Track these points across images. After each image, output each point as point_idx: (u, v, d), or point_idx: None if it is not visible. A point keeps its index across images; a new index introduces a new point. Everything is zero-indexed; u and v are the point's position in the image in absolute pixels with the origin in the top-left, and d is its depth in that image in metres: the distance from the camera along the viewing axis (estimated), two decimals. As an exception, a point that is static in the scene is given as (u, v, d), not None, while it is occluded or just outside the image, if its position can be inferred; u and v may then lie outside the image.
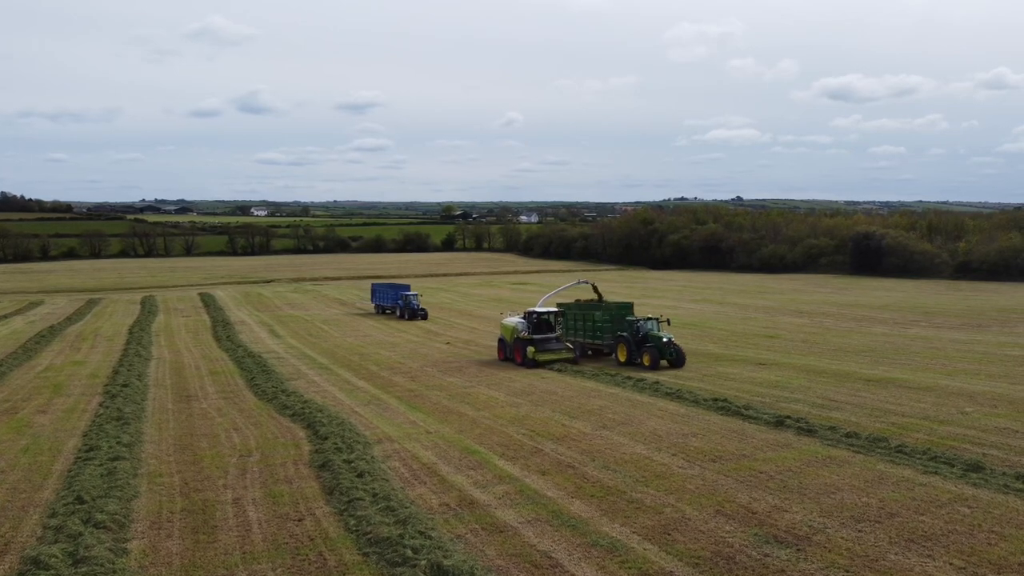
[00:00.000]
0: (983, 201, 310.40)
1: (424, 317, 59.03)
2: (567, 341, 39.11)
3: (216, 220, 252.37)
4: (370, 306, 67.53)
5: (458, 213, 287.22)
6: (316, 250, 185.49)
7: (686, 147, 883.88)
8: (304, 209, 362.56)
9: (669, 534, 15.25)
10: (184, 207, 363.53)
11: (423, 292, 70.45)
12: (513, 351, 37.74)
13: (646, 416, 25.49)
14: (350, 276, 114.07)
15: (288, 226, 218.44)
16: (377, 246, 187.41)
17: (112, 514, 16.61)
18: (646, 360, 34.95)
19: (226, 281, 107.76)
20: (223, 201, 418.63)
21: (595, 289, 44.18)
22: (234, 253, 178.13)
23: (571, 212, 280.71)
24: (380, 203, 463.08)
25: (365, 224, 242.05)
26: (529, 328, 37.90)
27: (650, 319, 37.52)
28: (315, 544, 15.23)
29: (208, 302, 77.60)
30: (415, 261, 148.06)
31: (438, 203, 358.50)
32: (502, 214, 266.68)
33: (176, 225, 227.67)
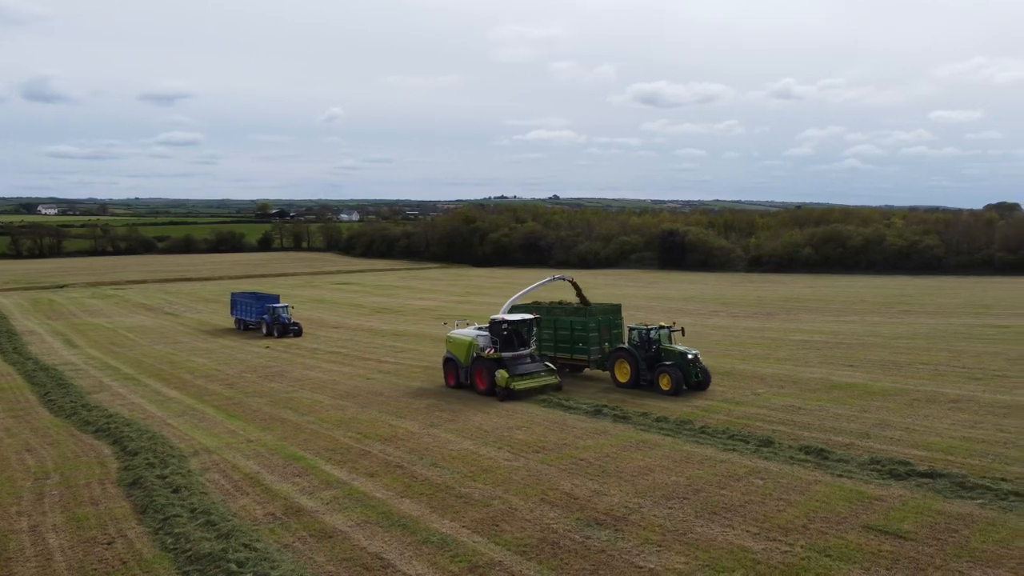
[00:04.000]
0: (771, 200, 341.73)
1: (298, 333, 49.29)
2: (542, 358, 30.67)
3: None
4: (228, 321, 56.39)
5: (275, 212, 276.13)
6: (117, 251, 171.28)
7: (507, 146, 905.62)
8: (102, 207, 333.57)
9: (497, 525, 15.73)
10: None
11: (294, 301, 62.66)
12: (472, 375, 29.10)
13: (472, 412, 26.00)
14: (157, 279, 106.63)
15: (83, 225, 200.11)
16: (187, 246, 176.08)
17: None
18: (665, 383, 27.36)
19: (10, 287, 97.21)
20: (5, 198, 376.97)
21: (576, 288, 34.40)
22: (19, 255, 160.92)
23: (394, 210, 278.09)
24: (189, 201, 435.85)
25: (173, 223, 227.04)
26: (496, 343, 28.72)
27: (662, 327, 29.30)
28: (128, 567, 14.30)
29: (-11, 311, 69.70)
30: (229, 262, 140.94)
31: (253, 201, 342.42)
32: (322, 212, 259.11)
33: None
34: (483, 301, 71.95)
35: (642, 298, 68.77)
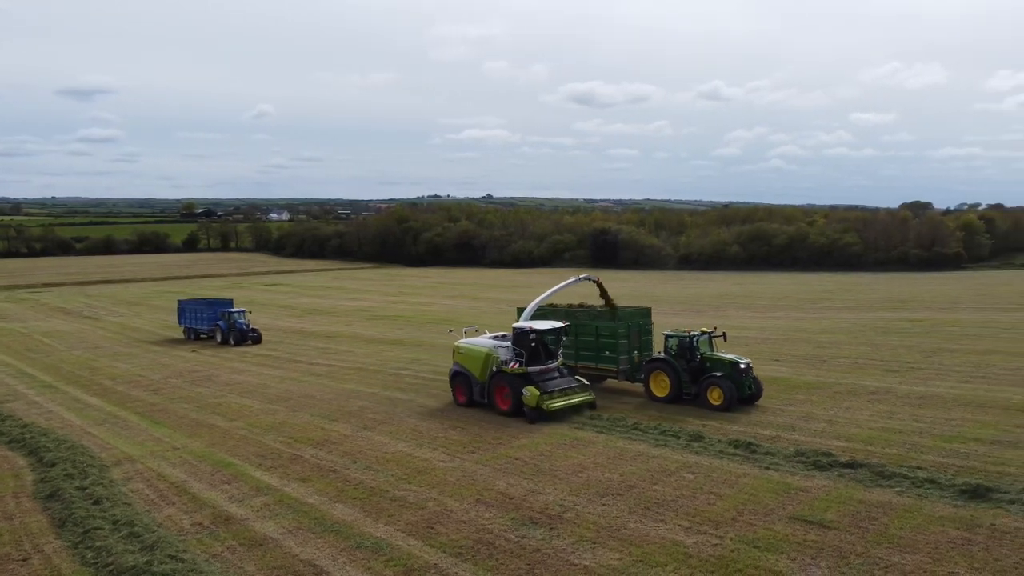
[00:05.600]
0: (700, 200, 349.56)
1: (257, 340, 45.58)
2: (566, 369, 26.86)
3: None
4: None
5: (201, 211, 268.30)
6: (32, 253, 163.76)
7: (441, 145, 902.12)
8: (15, 207, 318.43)
9: (432, 527, 15.62)
10: None
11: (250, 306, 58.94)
12: (491, 393, 25.31)
13: (407, 414, 25.78)
14: (75, 282, 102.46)
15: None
16: (107, 247, 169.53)
17: None
18: (715, 397, 24.48)
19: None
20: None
21: (601, 289, 30.38)
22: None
23: (325, 210, 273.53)
24: (109, 200, 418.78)
25: (92, 223, 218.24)
26: (521, 356, 25.12)
27: (704, 333, 26.50)
28: (45, 584, 13.67)
29: None
30: (152, 263, 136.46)
31: (178, 200, 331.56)
32: (250, 212, 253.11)
33: None
34: (417, 301, 71.56)
35: (575, 297, 69.30)
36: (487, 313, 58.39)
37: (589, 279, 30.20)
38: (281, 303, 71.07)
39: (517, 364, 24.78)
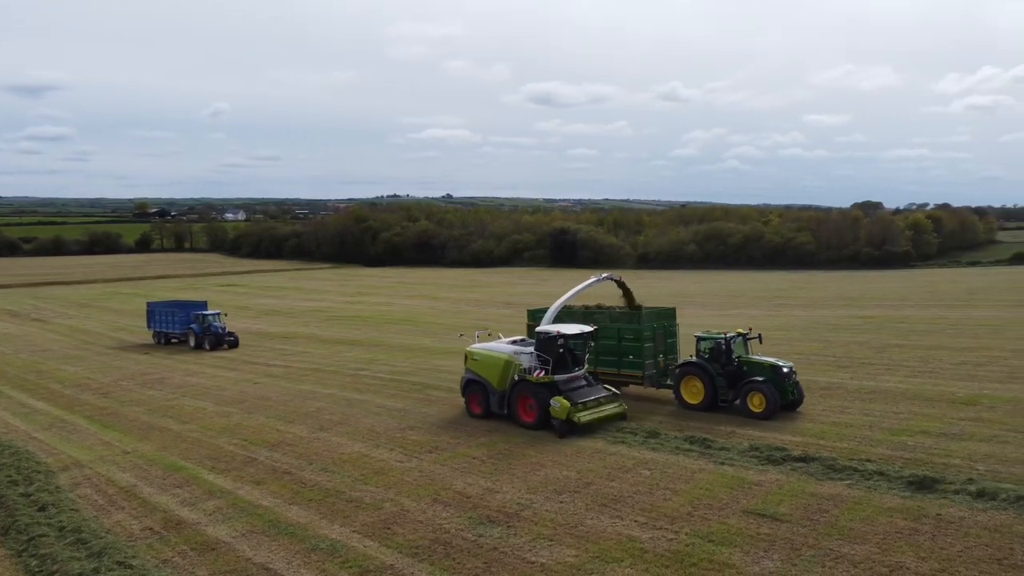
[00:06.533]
0: (658, 199, 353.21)
1: (234, 344, 43.37)
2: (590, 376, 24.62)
3: None
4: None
5: (154, 211, 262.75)
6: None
7: (402, 145, 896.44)
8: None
9: (389, 528, 15.51)
10: None
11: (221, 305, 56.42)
12: (513, 404, 23.18)
13: (363, 414, 25.56)
14: (23, 283, 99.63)
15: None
16: (56, 248, 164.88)
17: None
18: (756, 404, 22.92)
19: None
20: None
21: (624, 288, 27.54)
22: None
23: (282, 209, 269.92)
24: (59, 199, 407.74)
25: (41, 223, 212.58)
26: (547, 362, 22.87)
27: (739, 334, 24.97)
28: (-14, 594, 13.26)
29: None
30: (104, 264, 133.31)
31: (131, 200, 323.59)
32: (205, 212, 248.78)
33: None
34: (375, 301, 71.10)
35: (535, 295, 69.46)
36: (446, 313, 58.28)
37: (611, 278, 26.94)
38: (237, 304, 69.92)
39: (543, 372, 22.61)
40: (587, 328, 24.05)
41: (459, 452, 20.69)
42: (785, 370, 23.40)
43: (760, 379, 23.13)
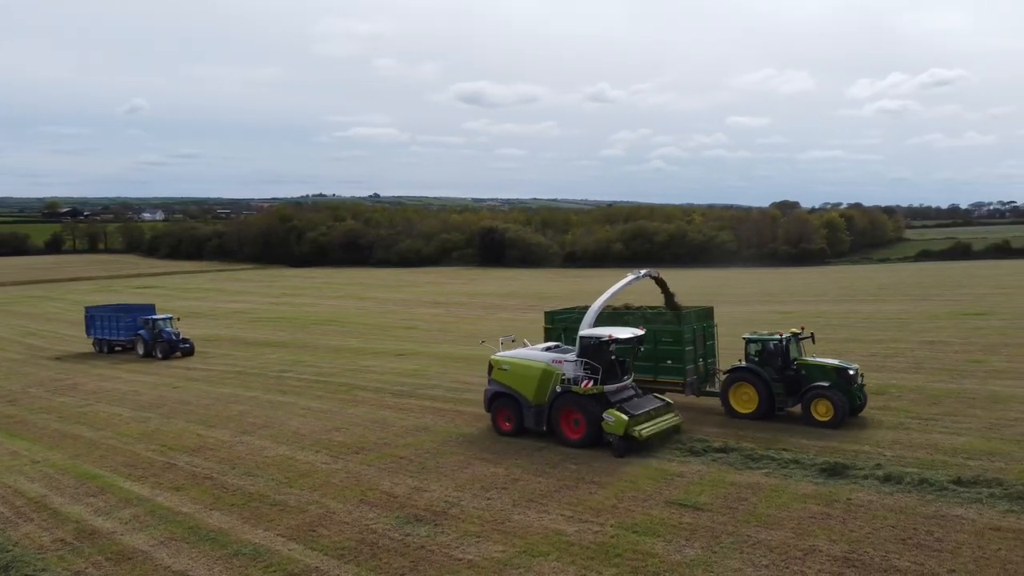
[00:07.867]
0: (585, 199, 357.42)
1: (189, 352, 40.04)
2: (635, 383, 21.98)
3: None
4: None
5: (66, 210, 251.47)
6: None
7: (328, 143, 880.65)
8: None
9: (314, 531, 15.29)
10: None
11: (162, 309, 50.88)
12: (555, 419, 20.53)
13: (288, 416, 25.10)
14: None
15: None
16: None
17: None
18: (823, 412, 20.95)
19: None
20: None
21: (663, 287, 24.05)
22: None
23: (203, 209, 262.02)
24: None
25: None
26: (597, 371, 20.26)
27: (794, 335, 22.84)
28: None
29: None
30: (12, 266, 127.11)
31: (41, 199, 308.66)
32: (121, 212, 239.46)
33: None
34: (300, 302, 69.95)
35: (463, 294, 69.50)
36: (372, 313, 57.71)
37: (650, 275, 23.43)
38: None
39: (591, 383, 20.19)
40: (639, 331, 21.37)
41: (386, 452, 20.54)
42: (851, 373, 21.42)
43: (825, 384, 21.18)
